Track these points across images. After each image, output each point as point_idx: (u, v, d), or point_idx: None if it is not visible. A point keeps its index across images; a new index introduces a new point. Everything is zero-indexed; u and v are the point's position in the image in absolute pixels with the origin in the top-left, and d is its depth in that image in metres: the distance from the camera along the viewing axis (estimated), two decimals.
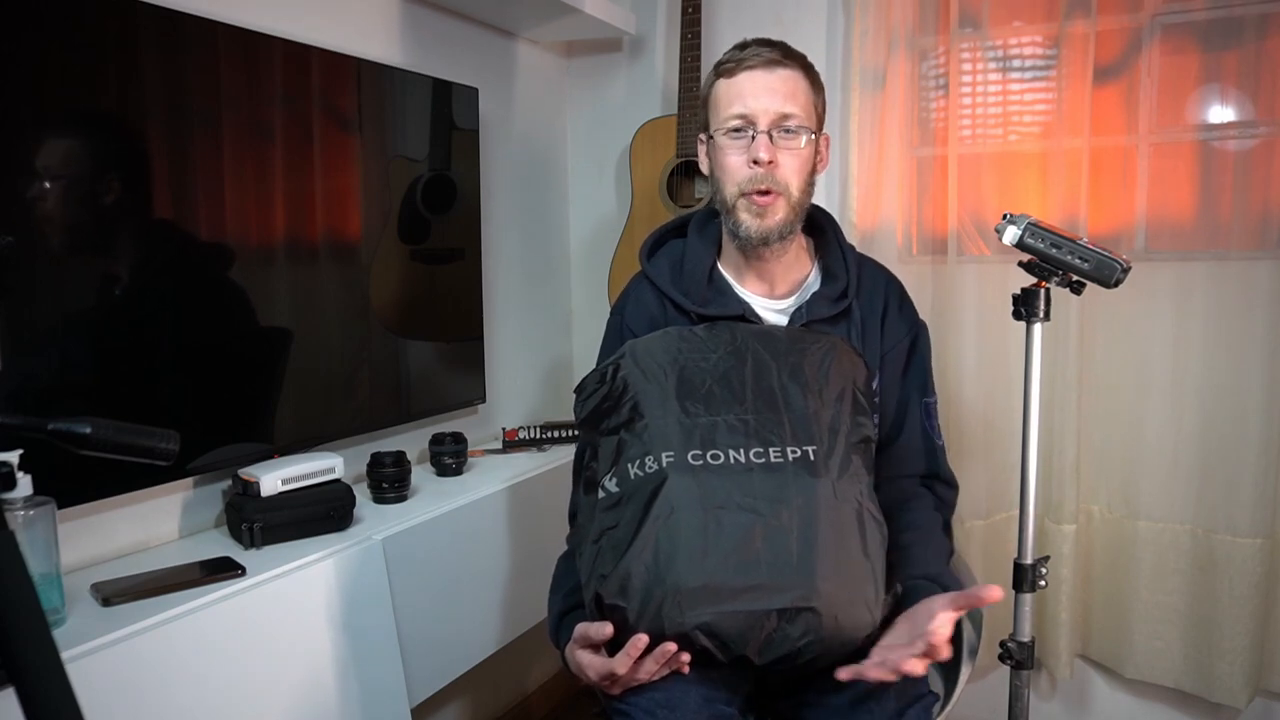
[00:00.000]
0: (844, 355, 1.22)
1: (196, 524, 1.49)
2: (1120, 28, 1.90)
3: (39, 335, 1.23)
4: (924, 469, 1.35)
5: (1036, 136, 1.97)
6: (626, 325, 1.37)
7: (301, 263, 1.60)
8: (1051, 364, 1.90)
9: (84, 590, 1.21)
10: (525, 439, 2.05)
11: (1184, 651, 1.89)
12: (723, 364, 1.18)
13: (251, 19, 1.51)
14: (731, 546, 1.05)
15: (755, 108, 1.25)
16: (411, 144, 1.85)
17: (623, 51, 2.42)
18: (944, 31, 2.00)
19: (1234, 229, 1.81)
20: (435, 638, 1.58)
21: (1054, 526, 1.94)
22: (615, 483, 1.14)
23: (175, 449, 0.82)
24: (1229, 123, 1.83)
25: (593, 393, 1.22)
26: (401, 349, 1.85)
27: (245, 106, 1.48)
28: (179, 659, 1.16)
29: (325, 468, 1.50)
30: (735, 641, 1.05)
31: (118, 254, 1.32)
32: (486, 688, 2.14)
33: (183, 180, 1.39)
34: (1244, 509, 1.80)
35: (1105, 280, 1.20)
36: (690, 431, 1.12)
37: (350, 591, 1.40)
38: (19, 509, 1.06)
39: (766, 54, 1.26)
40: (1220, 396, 1.84)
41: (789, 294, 1.35)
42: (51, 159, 1.22)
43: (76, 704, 0.63)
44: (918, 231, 2.07)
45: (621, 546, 1.08)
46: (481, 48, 2.13)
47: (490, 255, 2.12)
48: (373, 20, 1.81)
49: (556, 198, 2.46)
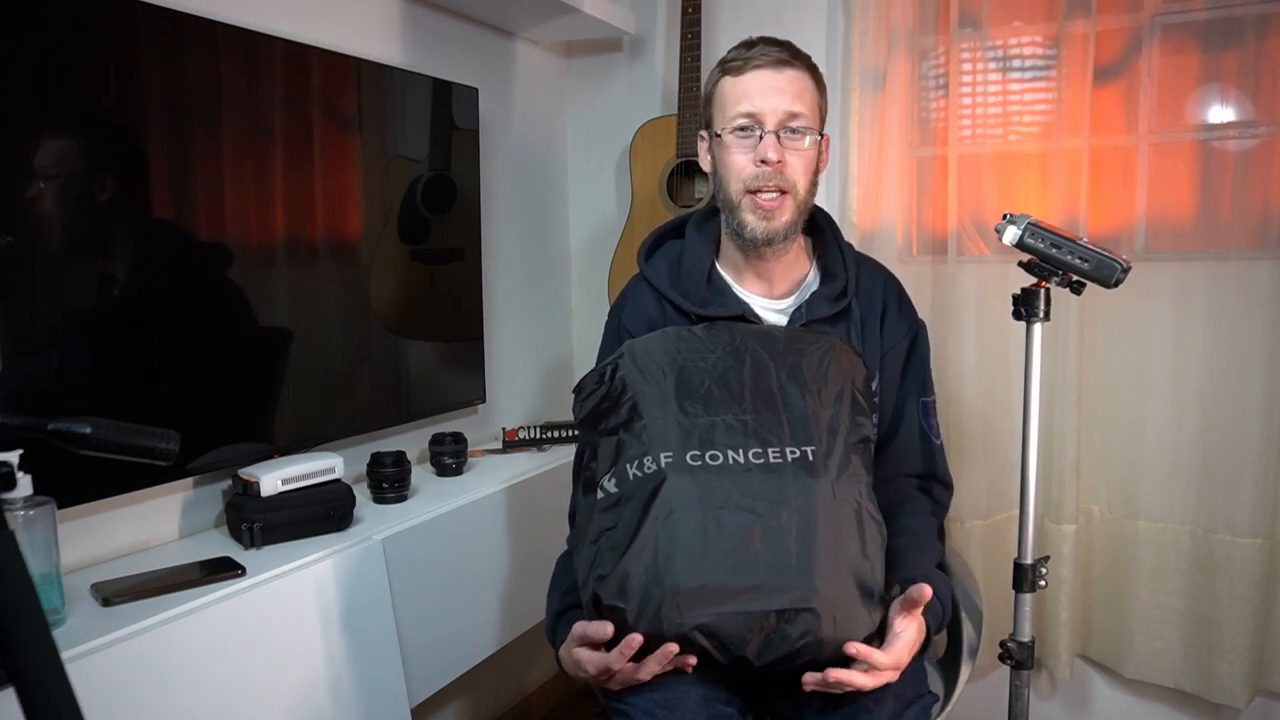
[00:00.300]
0: (843, 355, 1.22)
1: (196, 524, 1.49)
2: (1120, 28, 1.90)
3: (39, 335, 1.23)
4: (921, 469, 1.35)
5: (1036, 136, 1.96)
6: (624, 327, 1.36)
7: (301, 263, 1.60)
8: (1051, 364, 1.90)
9: (84, 590, 1.21)
10: (525, 439, 2.05)
11: (1184, 651, 1.89)
12: (721, 364, 1.18)
13: (251, 19, 1.51)
14: (730, 547, 1.05)
15: (763, 107, 1.24)
16: (411, 144, 1.85)
17: (623, 51, 2.42)
18: (944, 31, 2.00)
19: (1234, 229, 1.81)
20: (435, 638, 1.58)
21: (1054, 526, 1.94)
22: (614, 483, 1.14)
23: (175, 449, 0.82)
24: (1229, 123, 1.83)
25: (591, 393, 1.21)
26: (401, 349, 1.85)
27: (245, 106, 1.48)
28: (179, 659, 1.16)
29: (325, 468, 1.50)
30: (734, 642, 1.05)
31: (117, 254, 1.32)
32: (486, 688, 2.14)
33: (183, 180, 1.39)
34: (1244, 509, 1.80)
35: (1105, 280, 1.20)
36: (689, 432, 1.12)
37: (350, 591, 1.40)
38: (19, 509, 1.06)
39: (774, 53, 1.25)
40: (1220, 396, 1.83)
41: (788, 294, 1.35)
42: (51, 159, 1.22)
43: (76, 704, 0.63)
44: (918, 231, 2.07)
45: (620, 547, 1.08)
46: (481, 48, 2.13)
47: (490, 255, 2.12)
48: (373, 20, 1.81)
49: (556, 198, 2.46)
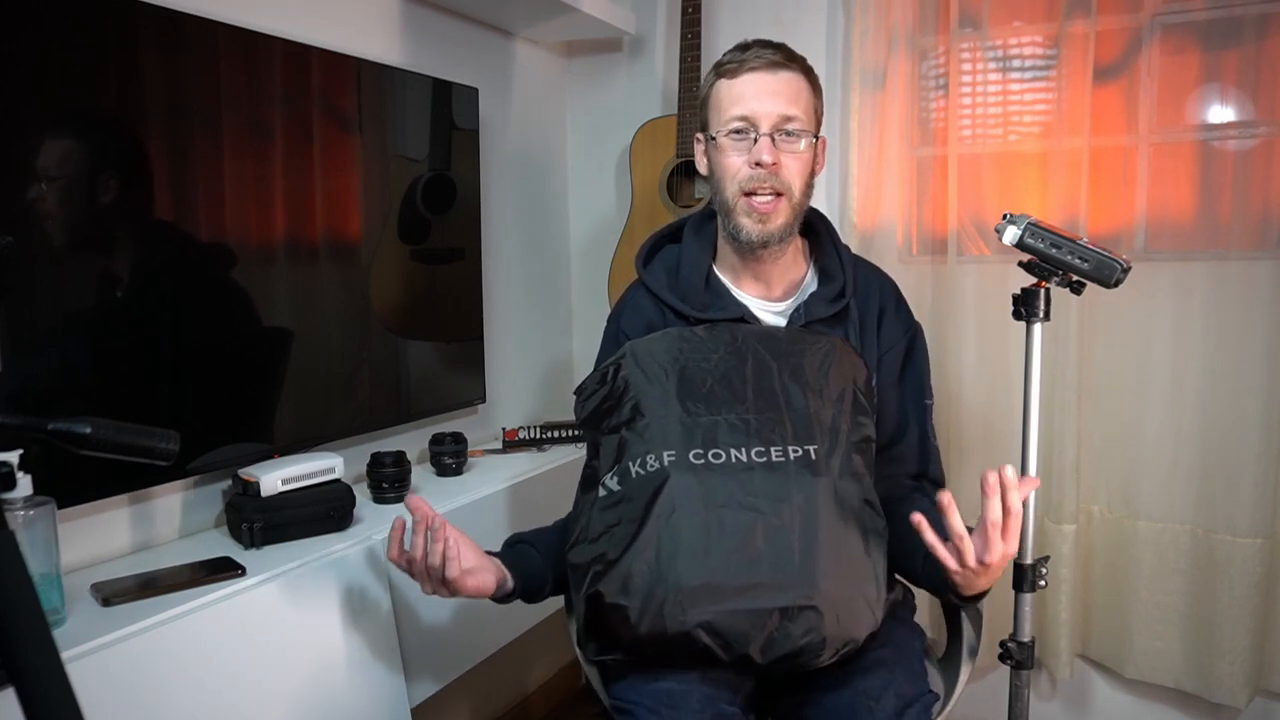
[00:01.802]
0: (844, 356, 1.23)
1: (196, 524, 1.49)
2: (1120, 28, 1.90)
3: (39, 335, 1.23)
4: (916, 469, 1.35)
5: (1036, 136, 1.96)
6: (623, 332, 1.36)
7: (301, 263, 1.60)
8: (1051, 364, 1.90)
9: (84, 590, 1.21)
10: (525, 439, 2.05)
11: (1184, 651, 1.89)
12: (723, 364, 1.18)
13: (251, 19, 1.51)
14: (733, 545, 1.05)
15: (758, 110, 1.24)
16: (411, 144, 1.85)
17: (623, 51, 2.42)
18: (944, 31, 2.00)
19: (1234, 229, 1.81)
20: (435, 638, 1.58)
21: (1054, 526, 1.94)
22: (616, 481, 1.14)
23: (175, 449, 0.82)
24: (1229, 123, 1.83)
25: (593, 393, 1.22)
26: (401, 349, 1.85)
27: (245, 106, 1.47)
28: (179, 659, 1.16)
29: (325, 468, 1.50)
30: (737, 640, 1.05)
31: (117, 254, 1.32)
32: (486, 688, 2.14)
33: (182, 180, 1.39)
34: (1244, 509, 1.80)
35: (1105, 280, 1.20)
36: (691, 431, 1.12)
37: (350, 591, 1.40)
38: (19, 509, 1.06)
39: (769, 56, 1.25)
40: (1220, 396, 1.83)
41: (786, 296, 1.35)
42: (51, 159, 1.22)
43: (76, 704, 0.63)
44: (918, 231, 2.07)
45: (623, 545, 1.08)
46: (481, 48, 2.13)
47: (490, 255, 2.12)
48: (373, 20, 1.81)
49: (556, 198, 2.46)
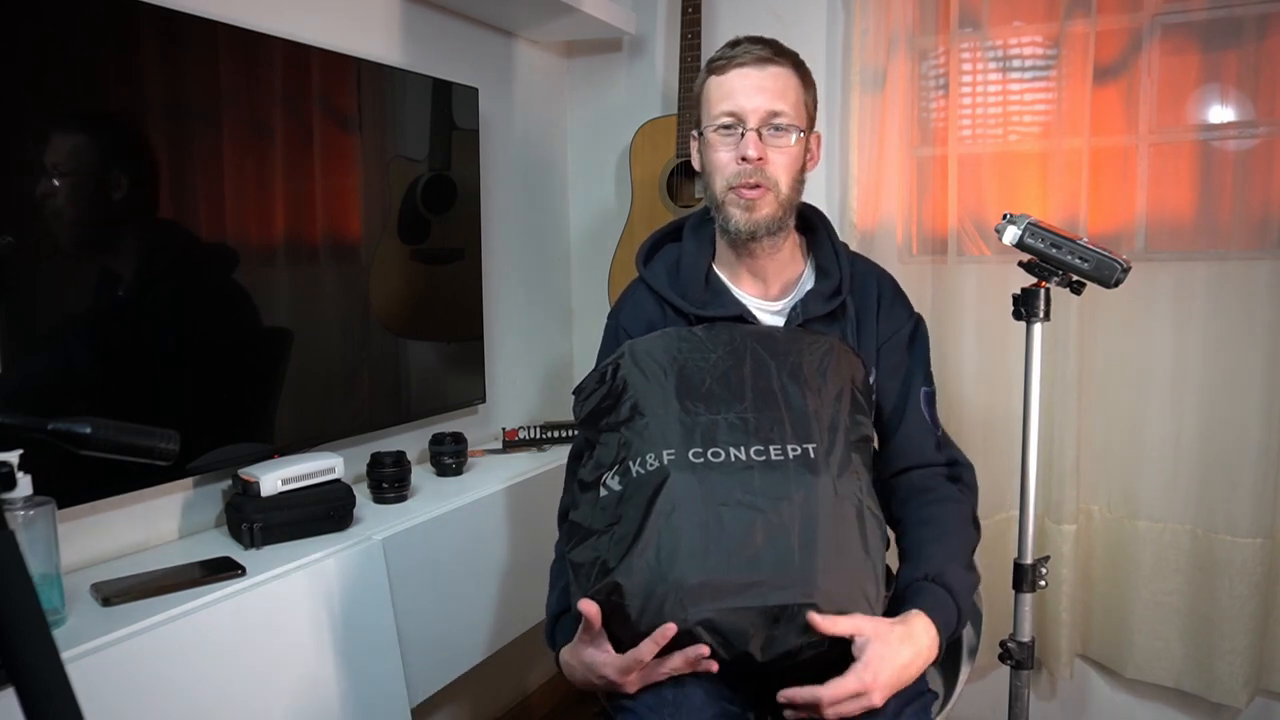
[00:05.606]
0: (842, 356, 1.23)
1: (196, 524, 1.49)
2: (1120, 28, 1.90)
3: (39, 335, 1.23)
4: (938, 457, 1.33)
5: (1036, 136, 1.96)
6: (623, 329, 1.36)
7: (302, 263, 1.60)
8: (1051, 364, 1.90)
9: (84, 590, 1.21)
10: (525, 439, 2.05)
11: (1184, 651, 1.89)
12: (722, 363, 1.18)
13: (252, 19, 1.51)
14: (733, 543, 1.05)
15: (745, 105, 1.25)
16: (411, 144, 1.85)
17: (623, 51, 2.42)
18: (944, 31, 2.00)
19: (1234, 229, 1.81)
20: (435, 638, 1.58)
21: (1054, 526, 1.94)
22: (617, 480, 1.14)
23: (175, 449, 0.82)
24: (1229, 123, 1.83)
25: (592, 393, 1.22)
26: (401, 349, 1.85)
27: (245, 106, 1.47)
28: (179, 659, 1.16)
29: (325, 468, 1.50)
30: (737, 638, 1.05)
31: (117, 254, 1.32)
32: (486, 688, 2.14)
33: (182, 180, 1.39)
34: (1244, 509, 1.80)
35: (1105, 280, 1.20)
36: (691, 429, 1.12)
37: (350, 591, 1.40)
38: (19, 509, 1.06)
39: (757, 51, 1.26)
40: (1220, 397, 1.83)
41: (783, 294, 1.35)
42: (51, 159, 1.22)
43: (76, 704, 0.63)
44: (918, 231, 2.07)
45: (624, 543, 1.08)
46: (481, 47, 2.13)
47: (490, 255, 2.12)
48: (373, 20, 1.81)
49: (556, 198, 2.46)
